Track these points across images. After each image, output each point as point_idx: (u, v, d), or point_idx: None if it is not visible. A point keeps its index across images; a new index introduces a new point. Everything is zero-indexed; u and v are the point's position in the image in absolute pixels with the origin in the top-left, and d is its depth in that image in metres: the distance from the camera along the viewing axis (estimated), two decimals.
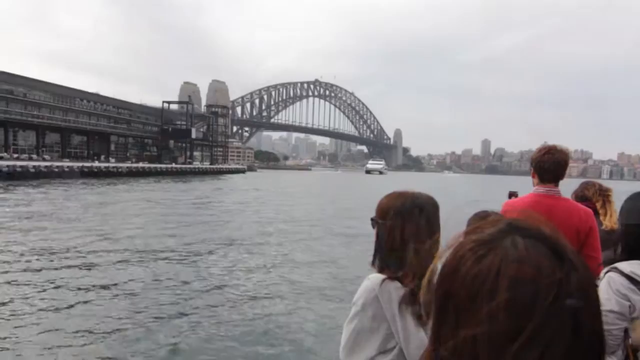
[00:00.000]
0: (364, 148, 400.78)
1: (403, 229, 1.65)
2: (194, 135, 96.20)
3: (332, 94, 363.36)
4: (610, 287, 1.90)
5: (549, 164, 2.68)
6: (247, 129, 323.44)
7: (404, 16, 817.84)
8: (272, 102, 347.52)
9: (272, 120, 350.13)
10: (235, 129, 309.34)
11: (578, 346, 0.49)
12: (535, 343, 0.48)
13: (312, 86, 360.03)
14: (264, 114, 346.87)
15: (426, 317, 1.51)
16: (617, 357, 1.90)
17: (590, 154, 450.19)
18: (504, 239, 0.53)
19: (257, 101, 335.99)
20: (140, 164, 70.57)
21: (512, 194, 3.06)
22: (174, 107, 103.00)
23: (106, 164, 61.77)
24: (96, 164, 59.75)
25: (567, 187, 3.03)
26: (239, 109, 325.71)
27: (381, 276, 1.65)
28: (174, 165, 79.80)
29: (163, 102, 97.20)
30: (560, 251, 0.52)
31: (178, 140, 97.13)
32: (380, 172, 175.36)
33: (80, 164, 55.44)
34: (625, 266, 1.92)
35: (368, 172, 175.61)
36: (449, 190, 46.54)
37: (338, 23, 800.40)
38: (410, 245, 1.63)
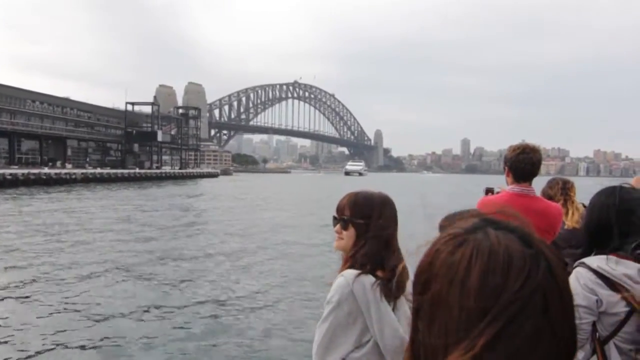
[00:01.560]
0: (345, 150, 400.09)
1: (369, 225, 1.71)
2: (160, 138, 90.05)
3: (312, 96, 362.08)
4: (578, 282, 1.95)
5: (524, 164, 2.75)
6: (225, 132, 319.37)
7: (385, 19, 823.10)
8: (251, 105, 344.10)
9: (251, 122, 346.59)
10: (213, 132, 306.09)
11: (547, 329, 0.51)
12: (502, 324, 0.49)
13: (291, 88, 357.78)
14: (243, 116, 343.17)
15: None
16: (585, 352, 1.97)
17: (568, 151, 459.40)
18: (477, 231, 0.55)
19: (235, 103, 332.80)
20: (99, 170, 65.44)
21: (488, 191, 3.09)
22: (146, 109, 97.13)
23: (57, 170, 56.59)
24: (45, 170, 54.63)
25: (541, 184, 3.48)
26: (217, 112, 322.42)
27: (355, 271, 1.69)
28: (137, 170, 74.50)
29: (126, 102, 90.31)
30: (529, 240, 0.54)
31: (143, 143, 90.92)
32: (360, 174, 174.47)
33: (25, 171, 50.56)
34: (593, 261, 1.97)
35: (347, 173, 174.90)
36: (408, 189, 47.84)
37: (318, 25, 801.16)
38: (381, 239, 1.70)
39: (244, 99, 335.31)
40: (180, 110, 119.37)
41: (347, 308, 1.64)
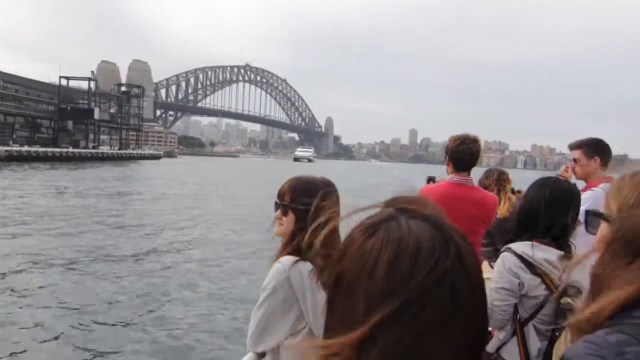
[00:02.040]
0: (296, 136, 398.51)
1: (309, 211, 1.62)
2: (97, 116, 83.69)
3: (264, 80, 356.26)
4: (503, 266, 2.09)
5: (463, 154, 2.78)
6: (172, 113, 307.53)
7: (341, 8, 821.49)
8: (200, 86, 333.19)
9: (199, 104, 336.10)
10: (158, 112, 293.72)
11: (455, 315, 0.51)
12: (401, 305, 0.50)
13: (242, 71, 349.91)
14: (191, 97, 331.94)
15: None
16: (506, 332, 2.10)
17: (507, 145, 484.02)
18: (390, 220, 0.56)
19: (183, 84, 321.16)
20: (26, 148, 60.30)
21: (430, 179, 3.27)
22: (84, 85, 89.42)
23: None
24: None
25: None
26: (163, 92, 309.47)
27: (292, 258, 1.67)
28: (71, 149, 69.31)
29: (60, 77, 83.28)
30: (441, 228, 0.54)
31: (79, 121, 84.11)
32: (309, 160, 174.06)
33: None
34: (518, 247, 2.07)
35: (296, 159, 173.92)
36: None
37: (273, 10, 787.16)
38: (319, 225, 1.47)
39: (192, 79, 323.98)
40: (123, 88, 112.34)
41: (282, 295, 1.64)
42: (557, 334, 1.87)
